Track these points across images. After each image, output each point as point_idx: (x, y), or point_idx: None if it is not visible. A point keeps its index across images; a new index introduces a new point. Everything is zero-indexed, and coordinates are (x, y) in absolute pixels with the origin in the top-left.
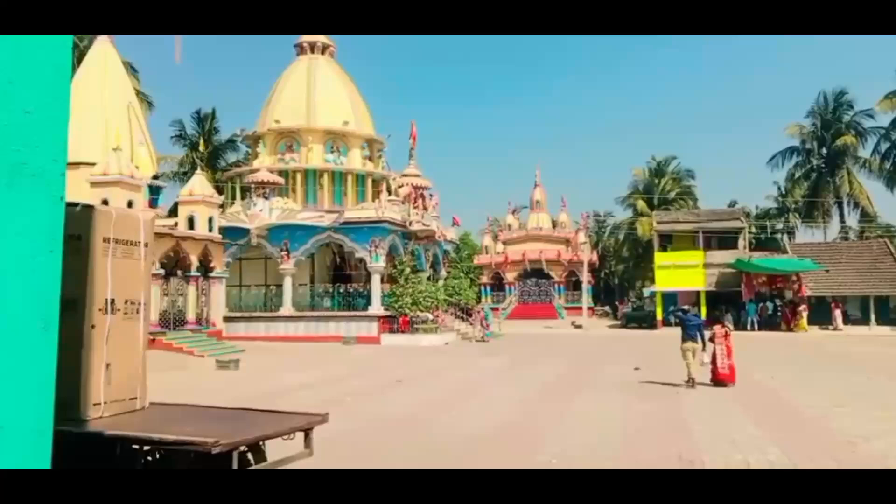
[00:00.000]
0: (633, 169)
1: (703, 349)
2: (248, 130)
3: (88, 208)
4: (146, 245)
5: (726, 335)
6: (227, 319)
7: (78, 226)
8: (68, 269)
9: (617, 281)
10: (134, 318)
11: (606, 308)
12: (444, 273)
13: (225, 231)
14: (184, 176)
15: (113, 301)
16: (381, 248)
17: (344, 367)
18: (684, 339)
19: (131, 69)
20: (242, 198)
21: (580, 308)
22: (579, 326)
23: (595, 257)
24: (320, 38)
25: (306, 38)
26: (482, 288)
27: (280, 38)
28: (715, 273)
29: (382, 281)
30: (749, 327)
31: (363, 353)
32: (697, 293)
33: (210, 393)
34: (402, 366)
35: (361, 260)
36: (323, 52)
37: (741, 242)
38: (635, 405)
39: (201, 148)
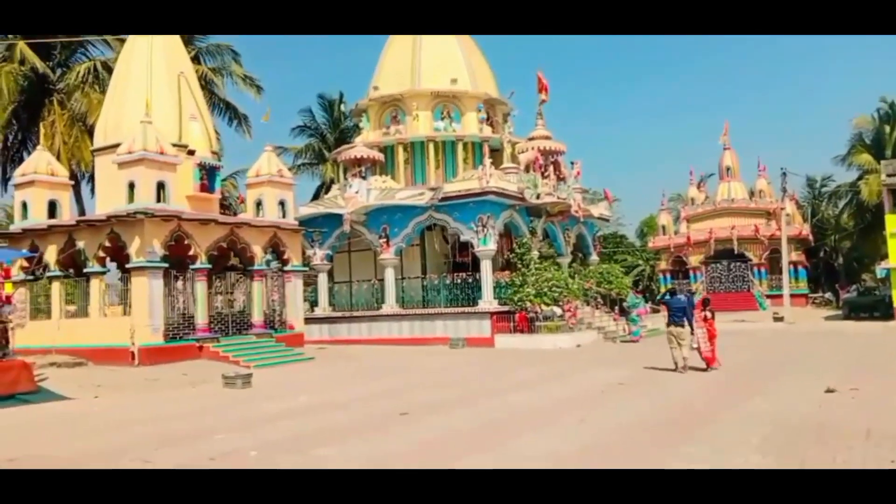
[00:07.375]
0: (854, 119)
1: (692, 333)
2: (351, 105)
3: None
4: None
5: (706, 319)
6: (328, 321)
7: None
8: None
9: (842, 261)
10: None
11: (829, 295)
12: (595, 258)
13: (320, 219)
14: (305, 168)
15: None
16: (491, 226)
17: (394, 382)
18: (668, 324)
19: (232, 52)
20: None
21: (790, 295)
22: (780, 319)
23: (805, 231)
24: None
25: None
26: (662, 276)
27: None
28: None
29: (499, 269)
30: None
31: (455, 359)
32: None
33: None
34: (469, 380)
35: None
36: None
37: None
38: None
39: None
